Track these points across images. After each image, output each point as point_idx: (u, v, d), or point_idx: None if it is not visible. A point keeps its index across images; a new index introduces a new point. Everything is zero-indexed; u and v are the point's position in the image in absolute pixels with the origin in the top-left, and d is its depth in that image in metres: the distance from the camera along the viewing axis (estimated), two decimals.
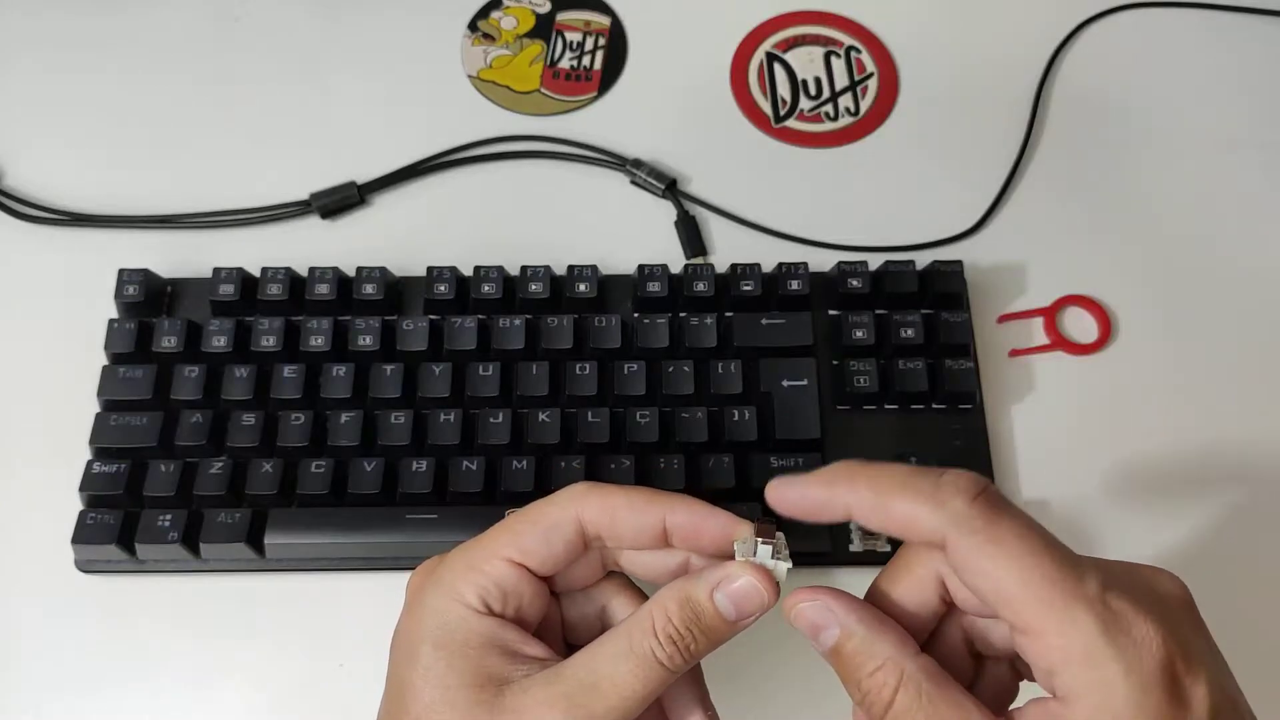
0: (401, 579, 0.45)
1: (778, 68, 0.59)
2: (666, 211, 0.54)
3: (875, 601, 0.31)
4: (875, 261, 0.50)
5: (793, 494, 0.30)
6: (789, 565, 0.31)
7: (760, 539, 0.31)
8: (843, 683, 0.29)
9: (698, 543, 0.31)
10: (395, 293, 0.50)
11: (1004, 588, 0.26)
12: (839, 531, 0.45)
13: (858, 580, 0.46)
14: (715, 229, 0.54)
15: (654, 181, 0.54)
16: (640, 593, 0.34)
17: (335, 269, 0.49)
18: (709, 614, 0.30)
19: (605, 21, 0.60)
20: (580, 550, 0.32)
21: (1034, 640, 0.25)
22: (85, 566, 0.46)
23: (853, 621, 0.29)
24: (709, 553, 0.32)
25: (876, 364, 0.47)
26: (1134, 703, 0.24)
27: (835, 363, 0.48)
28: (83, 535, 0.44)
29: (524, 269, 0.49)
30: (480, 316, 0.48)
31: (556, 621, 0.34)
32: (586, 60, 0.59)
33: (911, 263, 0.49)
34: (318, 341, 0.47)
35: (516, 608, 0.31)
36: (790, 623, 0.30)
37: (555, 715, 0.28)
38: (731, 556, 0.31)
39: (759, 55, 0.59)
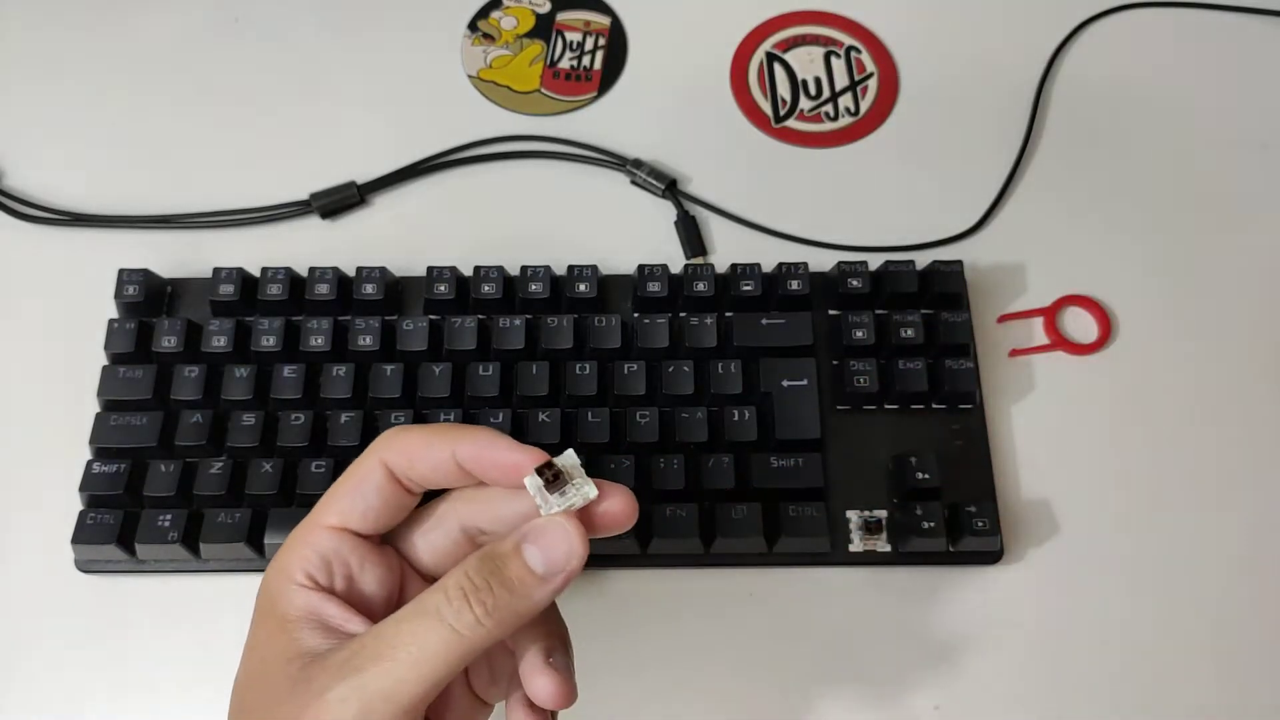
0: None
1: (778, 68, 0.59)
2: (666, 211, 0.54)
3: None
4: (875, 261, 0.50)
5: None
6: (582, 501, 0.29)
7: (553, 494, 0.29)
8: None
9: (489, 474, 0.30)
10: (395, 293, 0.50)
11: None
12: (838, 532, 0.45)
13: (857, 580, 0.46)
14: (715, 229, 0.54)
15: (654, 181, 0.54)
16: None
17: (335, 269, 0.49)
18: (513, 565, 0.28)
19: (605, 21, 0.60)
20: (404, 497, 0.31)
21: None
22: (85, 566, 0.46)
23: None
24: (505, 483, 0.30)
25: (876, 364, 0.47)
26: None
27: (835, 363, 0.48)
28: (83, 535, 0.44)
29: (524, 269, 0.49)
30: (480, 316, 0.48)
31: None
32: (586, 60, 0.59)
33: (911, 263, 0.49)
34: (318, 341, 0.47)
35: (346, 576, 0.30)
36: None
37: (333, 681, 0.27)
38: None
39: (759, 55, 0.59)
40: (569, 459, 0.30)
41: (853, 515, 0.46)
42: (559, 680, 0.30)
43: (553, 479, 0.29)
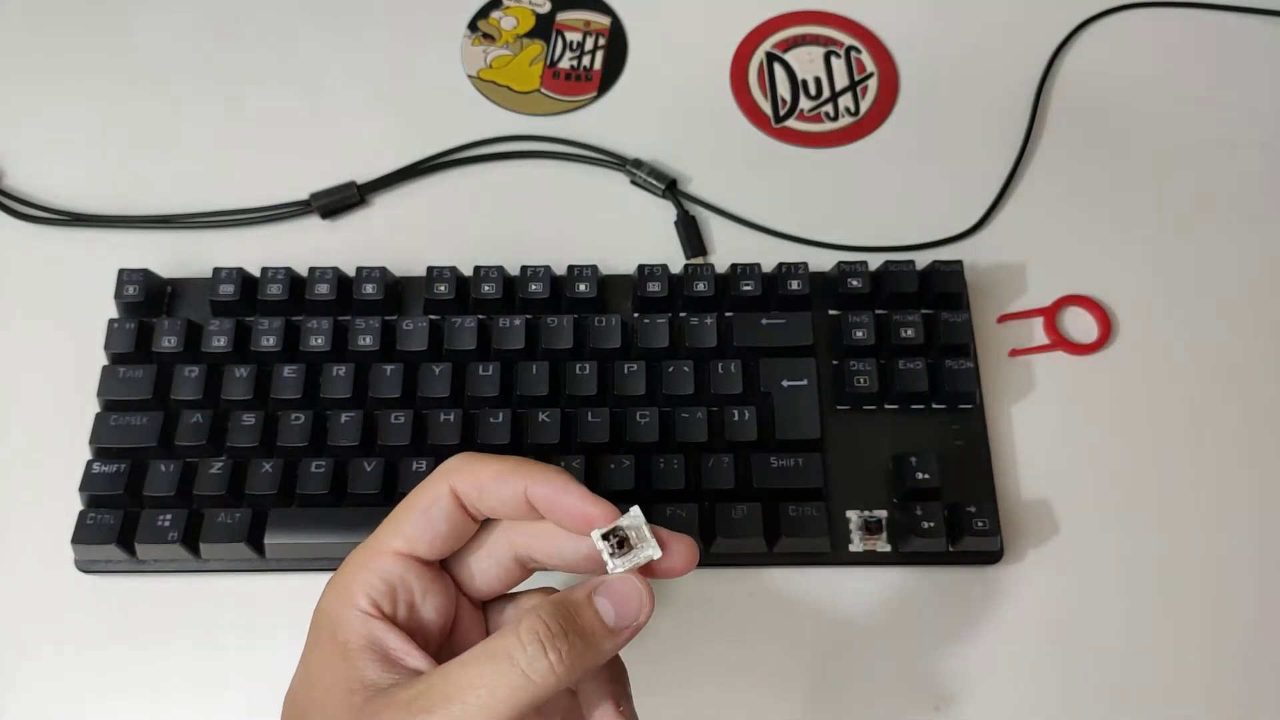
0: None
1: (778, 68, 0.59)
2: (666, 211, 0.54)
3: None
4: (875, 261, 0.50)
5: None
6: (645, 561, 0.30)
7: (611, 553, 0.30)
8: None
9: (557, 516, 0.30)
10: (395, 293, 0.50)
11: None
12: (838, 532, 0.45)
13: (857, 580, 0.46)
14: (715, 229, 0.54)
15: (654, 181, 0.54)
16: None
17: (335, 269, 0.49)
18: (587, 615, 0.28)
19: (605, 21, 0.60)
20: (468, 524, 0.31)
21: None
22: (85, 566, 0.46)
23: None
24: (571, 529, 0.31)
25: (876, 364, 0.47)
26: None
27: (835, 363, 0.48)
28: (83, 535, 0.44)
29: (524, 269, 0.49)
30: (480, 316, 0.48)
31: (481, 636, 0.33)
32: (586, 60, 0.59)
33: (911, 263, 0.49)
34: (318, 341, 0.47)
35: (408, 603, 0.30)
36: None
37: (401, 719, 0.27)
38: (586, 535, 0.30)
39: (759, 55, 0.59)
40: (635, 518, 0.30)
41: (853, 515, 0.46)
42: None
43: (618, 544, 0.30)
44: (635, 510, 0.30)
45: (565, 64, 0.59)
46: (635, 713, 0.32)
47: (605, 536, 0.30)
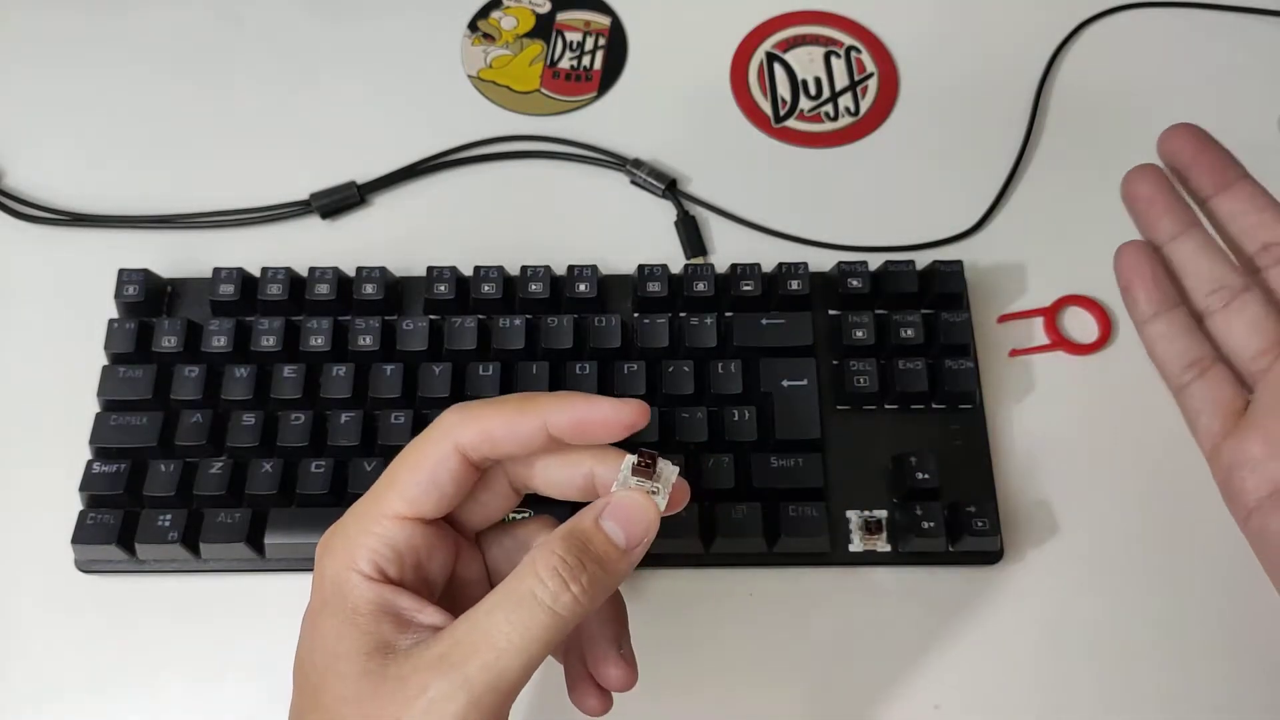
0: None
1: (778, 68, 0.59)
2: (666, 211, 0.54)
3: None
4: (875, 261, 0.50)
5: None
6: (666, 499, 0.30)
7: (636, 477, 0.30)
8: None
9: (589, 437, 0.30)
10: (395, 293, 0.50)
11: None
12: (838, 532, 0.45)
13: (857, 580, 0.46)
14: (715, 229, 0.54)
15: (654, 181, 0.54)
16: None
17: (335, 269, 0.49)
18: (598, 540, 0.29)
19: (605, 21, 0.60)
20: (473, 477, 0.31)
21: None
22: (85, 566, 0.46)
23: None
24: (606, 439, 0.30)
25: (876, 364, 0.47)
26: None
27: (835, 363, 0.48)
28: (83, 535, 0.44)
29: (524, 269, 0.49)
30: (480, 316, 0.48)
31: (480, 573, 0.33)
32: (586, 60, 0.59)
33: (911, 263, 0.49)
34: (318, 341, 0.47)
35: (415, 564, 0.30)
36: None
37: (432, 679, 0.27)
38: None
39: (759, 55, 0.59)
40: (672, 469, 0.31)
41: (853, 515, 0.46)
42: (629, 669, 0.32)
43: (648, 464, 0.30)
44: (674, 462, 0.31)
45: (565, 64, 0.59)
46: (633, 652, 0.33)
47: (640, 455, 0.30)
